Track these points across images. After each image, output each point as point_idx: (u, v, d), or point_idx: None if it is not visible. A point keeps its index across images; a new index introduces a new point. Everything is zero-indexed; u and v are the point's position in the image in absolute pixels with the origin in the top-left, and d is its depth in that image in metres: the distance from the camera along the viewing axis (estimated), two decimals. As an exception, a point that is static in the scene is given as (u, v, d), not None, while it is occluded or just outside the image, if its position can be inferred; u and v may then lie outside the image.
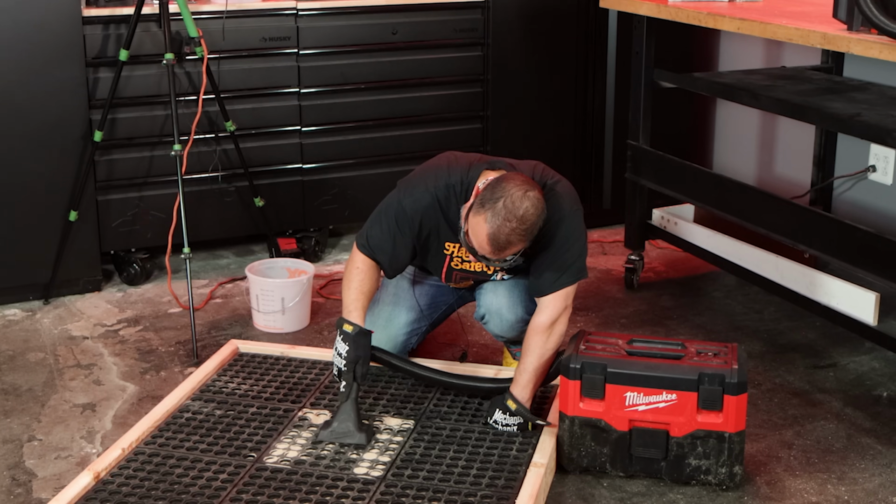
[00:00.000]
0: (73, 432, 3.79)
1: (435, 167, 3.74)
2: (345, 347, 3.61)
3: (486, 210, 3.39)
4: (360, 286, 3.70)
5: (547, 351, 3.61)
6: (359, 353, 3.60)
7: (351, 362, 3.60)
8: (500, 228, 3.38)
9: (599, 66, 5.63)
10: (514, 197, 3.38)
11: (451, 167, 3.69)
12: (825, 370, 4.29)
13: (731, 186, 4.55)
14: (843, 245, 3.98)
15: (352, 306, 3.68)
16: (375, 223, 3.73)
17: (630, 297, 4.98)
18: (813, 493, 3.48)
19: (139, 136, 4.94)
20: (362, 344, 3.62)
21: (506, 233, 3.39)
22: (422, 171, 3.77)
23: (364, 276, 3.71)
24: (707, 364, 3.43)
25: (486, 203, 3.40)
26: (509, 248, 3.43)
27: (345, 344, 3.61)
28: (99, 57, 4.78)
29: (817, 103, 4.23)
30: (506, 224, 3.37)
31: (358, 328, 3.63)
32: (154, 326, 4.63)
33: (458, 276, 3.89)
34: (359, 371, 3.60)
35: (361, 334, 3.63)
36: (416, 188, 3.70)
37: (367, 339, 3.65)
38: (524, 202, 3.38)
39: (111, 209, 4.95)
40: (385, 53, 5.32)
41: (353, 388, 3.58)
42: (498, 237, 3.39)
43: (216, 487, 3.31)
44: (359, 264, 3.72)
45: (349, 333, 3.62)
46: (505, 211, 3.37)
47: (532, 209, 3.39)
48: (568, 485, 3.51)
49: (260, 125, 5.16)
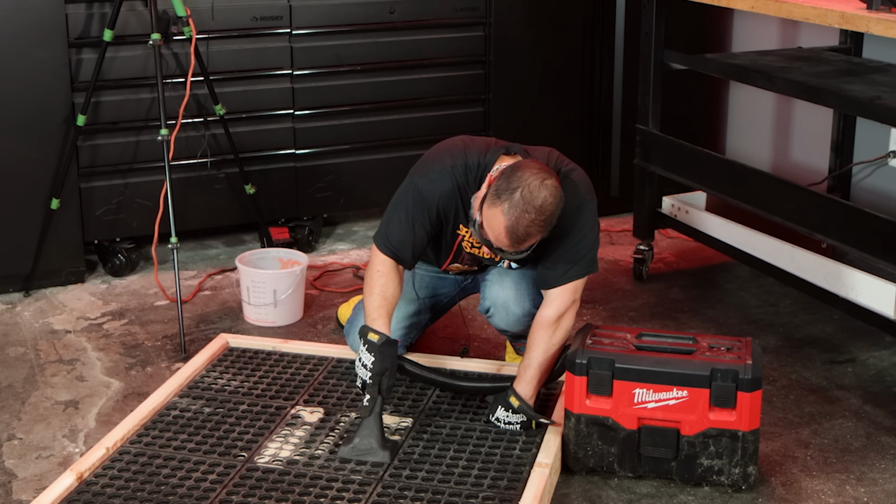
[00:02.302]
0: (55, 431, 3.78)
1: (451, 147, 3.71)
2: (370, 358, 3.56)
3: (502, 201, 3.36)
4: (382, 291, 3.66)
5: (552, 346, 3.61)
6: (385, 364, 3.55)
7: (377, 374, 3.54)
8: (519, 220, 3.36)
9: (607, 46, 5.63)
10: (531, 186, 3.36)
11: (469, 148, 3.67)
12: (843, 365, 4.29)
13: (745, 173, 4.55)
14: (863, 234, 3.98)
15: (375, 314, 3.63)
16: (393, 217, 3.69)
17: (639, 289, 4.98)
18: (831, 495, 3.48)
19: (124, 121, 4.94)
20: (389, 354, 3.57)
21: (525, 224, 3.36)
22: (436, 152, 3.74)
23: (386, 279, 3.67)
24: (720, 359, 3.43)
25: (502, 194, 3.37)
26: (528, 239, 3.42)
27: (370, 354, 3.56)
28: (82, 37, 4.77)
29: (835, 86, 4.23)
30: (524, 215, 3.35)
31: (384, 337, 3.58)
32: (140, 320, 4.63)
33: (466, 259, 3.87)
34: (384, 384, 3.55)
35: (388, 344, 3.58)
36: (433, 169, 3.68)
37: (395, 350, 3.61)
38: (542, 191, 3.36)
39: (95, 197, 4.95)
40: (382, 33, 5.32)
41: (378, 403, 3.52)
42: (517, 229, 3.37)
43: (205, 489, 3.31)
44: (379, 267, 3.68)
45: (374, 343, 3.57)
46: (523, 202, 3.34)
47: (551, 198, 3.38)
48: (574, 486, 3.51)
49: (251, 109, 5.16)
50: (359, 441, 3.49)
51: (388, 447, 3.50)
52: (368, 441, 3.49)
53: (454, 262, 3.91)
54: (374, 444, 3.48)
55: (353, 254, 5.35)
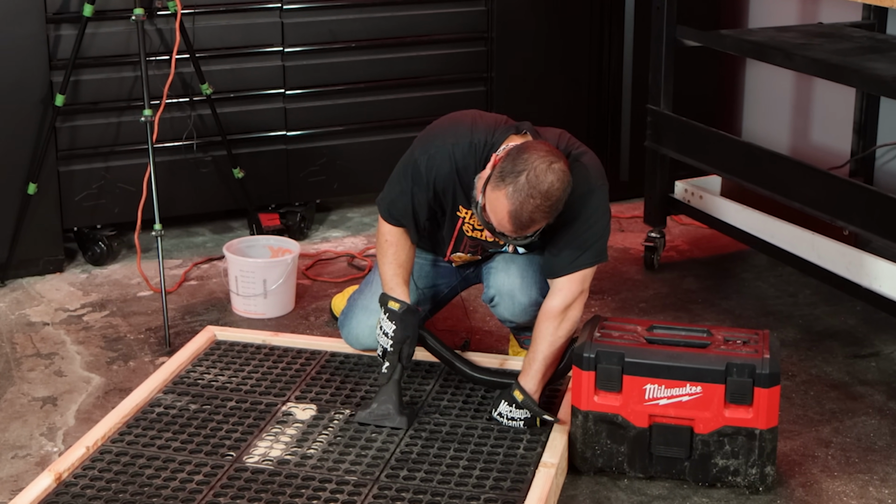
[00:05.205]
0: (32, 429, 3.79)
1: (458, 121, 3.74)
2: (391, 326, 3.72)
3: (506, 184, 3.38)
4: (395, 258, 3.78)
5: (559, 338, 3.63)
6: (406, 332, 3.72)
7: (398, 343, 3.72)
8: (524, 205, 3.38)
9: (616, 22, 5.64)
10: (538, 170, 3.37)
11: (476, 125, 3.69)
12: (867, 360, 4.30)
13: (763, 156, 4.55)
14: (887, 221, 3.98)
15: (392, 282, 3.77)
16: (395, 186, 3.78)
17: (650, 279, 5.00)
18: (853, 497, 3.48)
19: (105, 101, 4.95)
20: (410, 323, 3.74)
21: (529, 210, 3.38)
22: (442, 125, 3.77)
23: (396, 247, 3.79)
24: (736, 353, 3.44)
25: (506, 176, 3.39)
26: (532, 225, 3.44)
27: (391, 322, 3.72)
28: (61, 12, 4.78)
29: (858, 64, 4.24)
30: (529, 200, 3.37)
31: (405, 305, 3.74)
32: (122, 311, 4.64)
33: (468, 245, 3.90)
34: (405, 352, 3.73)
35: (409, 312, 3.73)
36: (434, 143, 3.71)
37: (416, 318, 3.76)
38: (549, 176, 3.37)
39: (74, 181, 4.97)
40: (378, 8, 5.33)
41: (398, 370, 3.71)
42: (520, 214, 3.39)
43: (191, 490, 3.32)
44: (387, 236, 3.80)
45: (395, 311, 3.73)
46: (528, 186, 3.36)
47: (557, 183, 3.39)
48: (581, 487, 3.52)
49: (239, 88, 5.18)
50: (376, 406, 3.67)
51: (406, 413, 3.67)
52: (386, 406, 3.67)
53: (456, 251, 3.93)
54: (392, 409, 3.66)
55: (347, 241, 5.35)
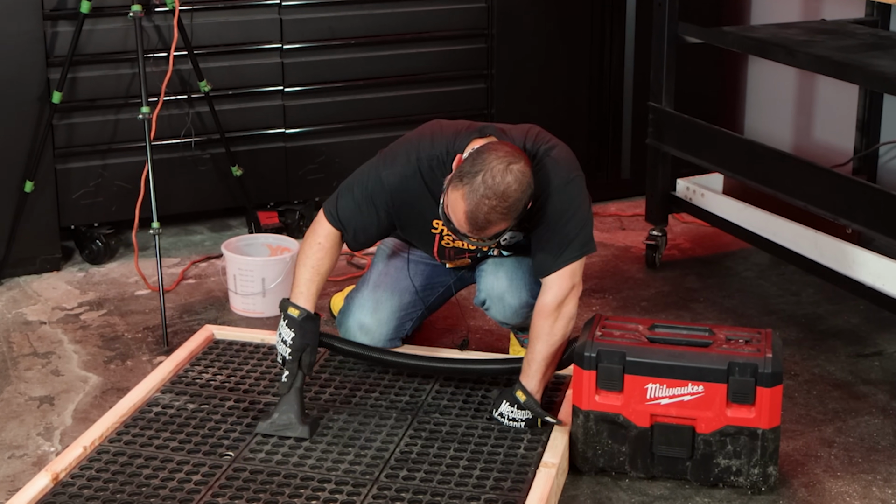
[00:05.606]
0: (29, 429, 3.79)
1: (418, 137, 3.77)
2: (290, 333, 3.68)
3: (464, 185, 3.41)
4: (317, 265, 3.76)
5: (555, 336, 3.63)
6: (306, 340, 3.68)
7: (297, 350, 3.67)
8: (479, 206, 3.39)
9: (617, 18, 5.64)
10: (494, 171, 3.38)
11: (436, 137, 3.72)
12: (870, 359, 4.30)
13: (765, 154, 4.55)
14: (891, 219, 3.99)
15: (303, 287, 3.74)
16: (348, 191, 3.78)
17: (651, 278, 5.00)
18: (856, 497, 3.49)
19: (103, 98, 4.96)
20: (310, 330, 3.70)
21: (485, 211, 3.40)
22: (404, 141, 3.79)
23: (324, 253, 3.77)
24: (738, 352, 3.44)
25: (464, 177, 3.42)
26: (490, 227, 3.45)
27: (290, 330, 3.68)
28: (58, 9, 4.78)
29: (861, 61, 4.24)
30: (484, 201, 3.38)
31: (305, 313, 3.70)
32: (119, 310, 4.64)
33: (453, 254, 3.91)
34: (305, 360, 3.68)
35: (308, 319, 3.70)
36: (398, 160, 3.74)
37: (316, 325, 3.73)
38: (506, 177, 3.39)
39: (71, 179, 4.97)
40: (378, 4, 5.33)
41: (298, 378, 3.67)
42: (476, 215, 3.41)
43: (189, 490, 3.32)
44: (321, 239, 3.77)
45: (295, 318, 3.69)
46: (483, 187, 3.38)
47: (515, 184, 3.40)
48: (582, 487, 3.52)
49: (238, 85, 5.18)
50: (277, 416, 3.65)
51: (308, 422, 3.65)
52: (287, 416, 3.64)
53: (443, 259, 3.95)
54: (294, 418, 3.64)
55: (346, 240, 5.35)
